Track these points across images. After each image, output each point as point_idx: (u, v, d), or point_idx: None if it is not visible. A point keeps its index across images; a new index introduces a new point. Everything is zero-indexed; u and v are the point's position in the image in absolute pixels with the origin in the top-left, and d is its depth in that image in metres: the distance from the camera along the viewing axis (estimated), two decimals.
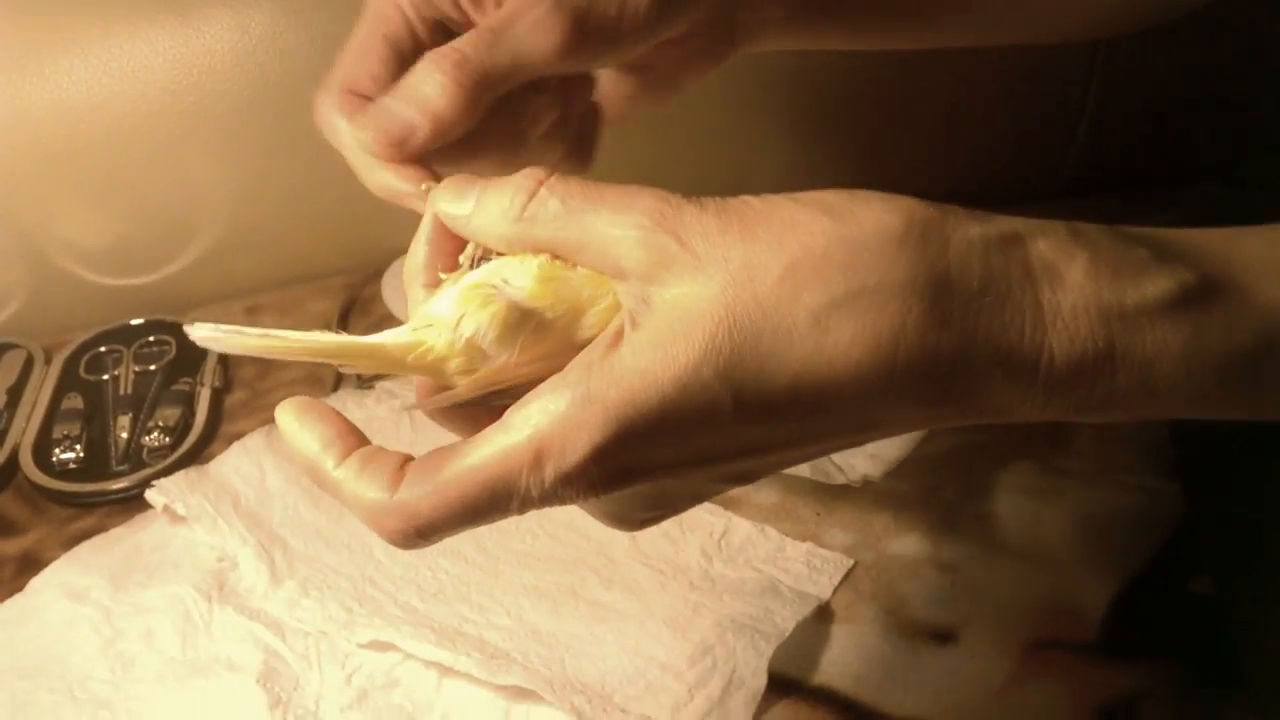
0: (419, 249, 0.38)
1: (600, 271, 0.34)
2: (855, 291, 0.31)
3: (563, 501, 0.33)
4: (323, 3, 0.75)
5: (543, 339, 0.34)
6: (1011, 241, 0.33)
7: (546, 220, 0.34)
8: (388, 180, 0.41)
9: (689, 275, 0.32)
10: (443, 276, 0.37)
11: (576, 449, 0.31)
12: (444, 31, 0.43)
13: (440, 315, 0.35)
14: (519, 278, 0.34)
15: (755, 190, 0.50)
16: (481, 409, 0.36)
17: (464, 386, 0.35)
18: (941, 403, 0.33)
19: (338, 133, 0.41)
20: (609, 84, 0.48)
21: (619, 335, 0.32)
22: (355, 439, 0.35)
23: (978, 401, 0.33)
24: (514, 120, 0.43)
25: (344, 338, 0.35)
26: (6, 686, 0.54)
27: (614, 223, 0.33)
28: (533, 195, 0.34)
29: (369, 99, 0.41)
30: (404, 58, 0.42)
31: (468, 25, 0.43)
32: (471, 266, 0.36)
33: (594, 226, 0.33)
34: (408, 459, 0.35)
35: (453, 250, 0.37)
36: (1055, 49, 0.76)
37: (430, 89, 0.38)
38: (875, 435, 0.35)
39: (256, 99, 0.76)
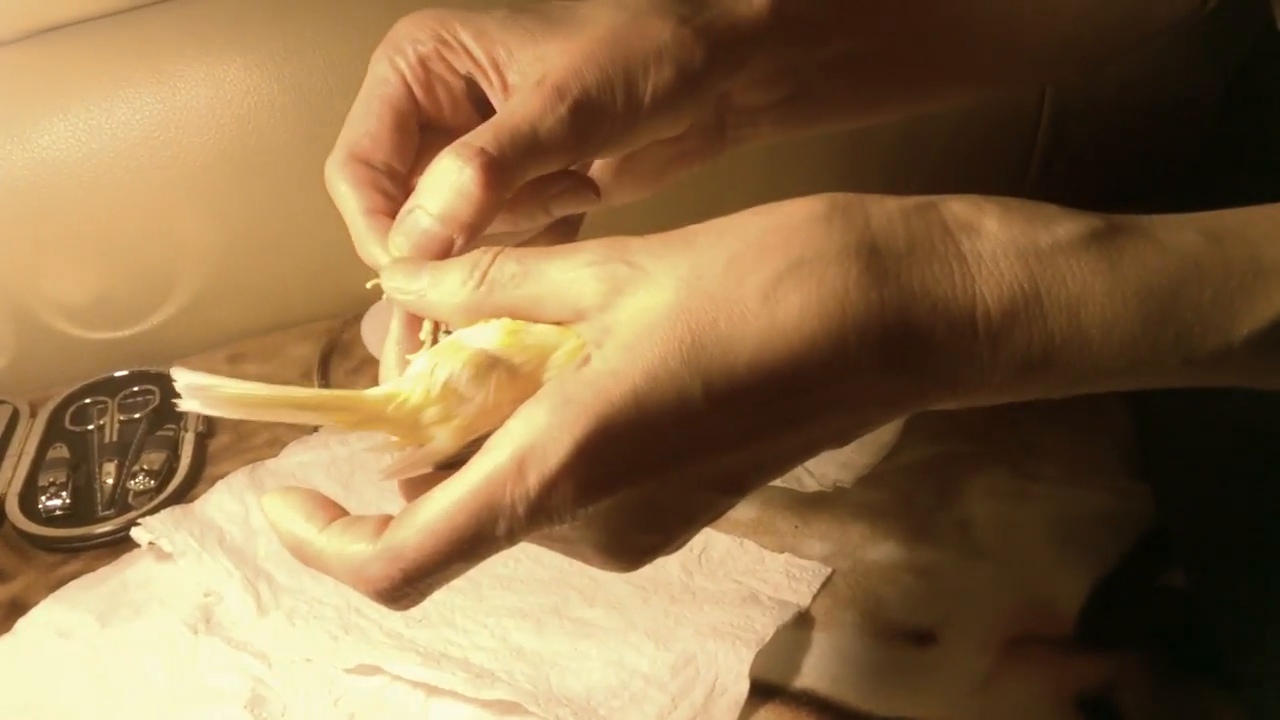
0: (394, 329, 0.40)
1: (560, 321, 0.35)
2: (794, 264, 0.33)
3: (550, 518, 0.33)
4: (293, 56, 0.77)
5: (514, 381, 0.35)
6: (926, 207, 0.35)
7: (504, 281, 0.36)
8: (380, 256, 0.41)
9: (643, 290, 0.34)
10: (409, 358, 0.37)
11: (558, 449, 0.32)
12: (444, 87, 0.44)
13: (415, 371, 0.36)
14: (484, 336, 0.35)
15: None
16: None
17: (444, 438, 0.35)
18: (899, 370, 0.34)
19: (341, 198, 0.42)
20: (598, 170, 0.49)
21: (586, 358, 0.34)
22: (338, 510, 0.36)
23: (932, 366, 0.34)
24: (528, 205, 0.44)
25: (323, 391, 0.35)
26: None
27: (567, 266, 0.35)
28: (491, 264, 0.36)
29: (370, 165, 0.42)
30: (402, 118, 0.44)
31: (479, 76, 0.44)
32: (431, 344, 0.37)
33: (549, 274, 0.35)
34: (390, 518, 0.35)
35: (417, 329, 0.39)
36: None
37: (462, 204, 0.38)
38: (851, 422, 0.36)
39: (232, 151, 0.78)
